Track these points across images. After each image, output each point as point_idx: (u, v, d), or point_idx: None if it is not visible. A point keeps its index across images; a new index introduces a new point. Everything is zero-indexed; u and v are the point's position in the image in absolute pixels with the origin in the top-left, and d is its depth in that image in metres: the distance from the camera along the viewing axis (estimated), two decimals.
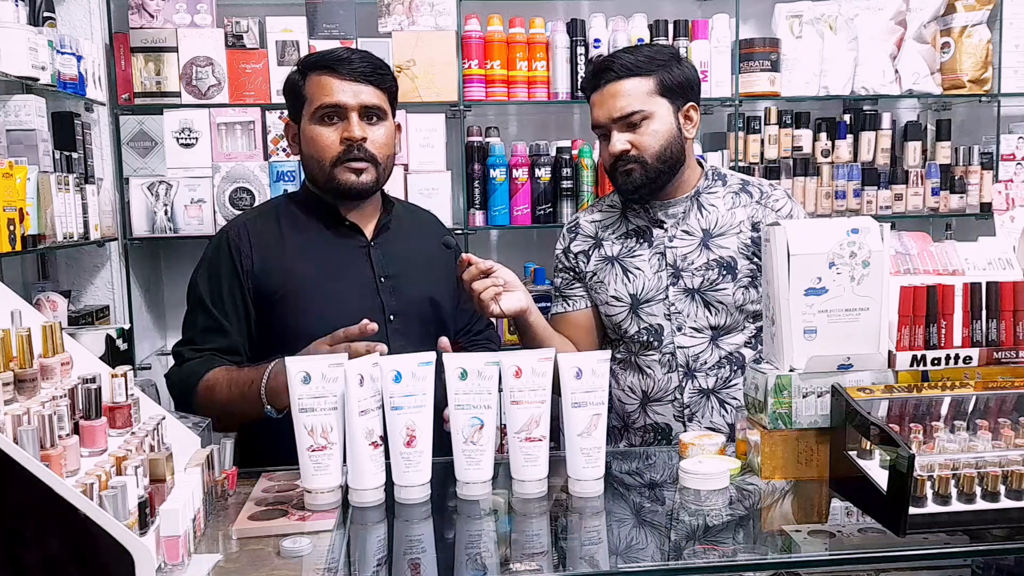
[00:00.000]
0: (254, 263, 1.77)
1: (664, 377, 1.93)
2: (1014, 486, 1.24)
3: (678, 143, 1.89)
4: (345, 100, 1.74)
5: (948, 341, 1.47)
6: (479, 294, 1.74)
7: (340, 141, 1.74)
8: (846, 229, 1.45)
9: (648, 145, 1.86)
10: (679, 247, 1.93)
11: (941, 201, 3.20)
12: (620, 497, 1.50)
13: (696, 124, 1.93)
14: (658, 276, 1.93)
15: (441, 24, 2.95)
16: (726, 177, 2.00)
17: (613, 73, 1.87)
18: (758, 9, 3.25)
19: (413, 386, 1.38)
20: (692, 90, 1.92)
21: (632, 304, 1.94)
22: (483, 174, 3.02)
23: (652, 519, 1.40)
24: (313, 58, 1.81)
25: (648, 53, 1.89)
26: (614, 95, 1.86)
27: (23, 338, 1.24)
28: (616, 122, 1.87)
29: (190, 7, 2.88)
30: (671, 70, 1.88)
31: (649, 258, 1.94)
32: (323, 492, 1.37)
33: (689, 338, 1.91)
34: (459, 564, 1.22)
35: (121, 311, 2.86)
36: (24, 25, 2.17)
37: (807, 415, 1.45)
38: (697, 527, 1.34)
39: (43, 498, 0.97)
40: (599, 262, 1.98)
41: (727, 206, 1.94)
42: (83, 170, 2.56)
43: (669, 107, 1.88)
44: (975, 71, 3.17)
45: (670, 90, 1.88)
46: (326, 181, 1.77)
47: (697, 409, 1.92)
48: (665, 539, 1.32)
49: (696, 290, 1.91)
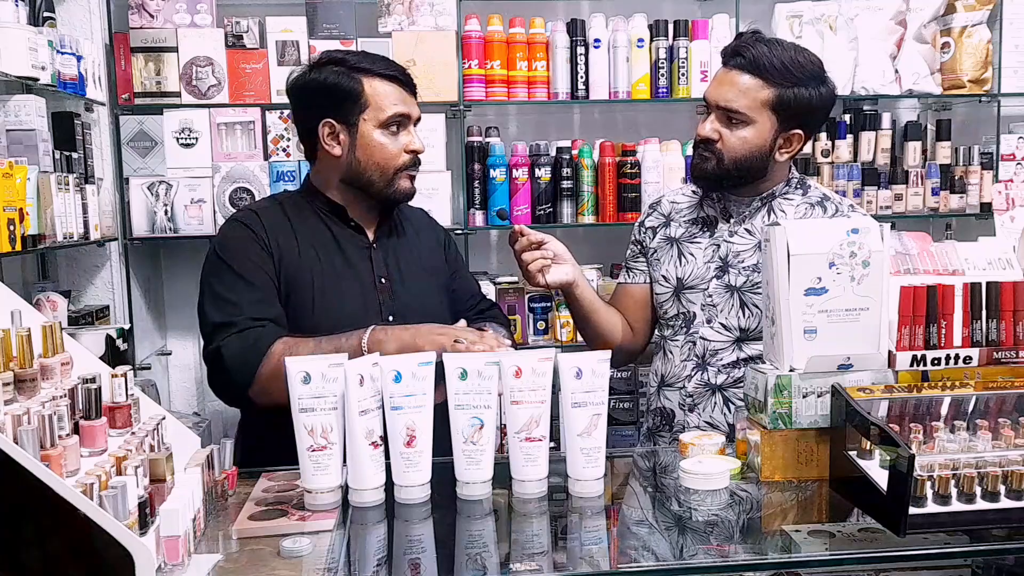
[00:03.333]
0: (274, 249, 1.75)
1: (680, 364, 1.94)
2: (1014, 486, 1.23)
3: (763, 160, 1.86)
4: (410, 112, 1.80)
5: (948, 341, 1.47)
6: (527, 265, 1.81)
7: (405, 151, 1.79)
8: (846, 229, 1.45)
9: (733, 147, 1.84)
10: (736, 243, 1.92)
11: (941, 201, 3.20)
12: (620, 497, 1.50)
13: (794, 152, 1.89)
14: (707, 266, 1.92)
15: (441, 24, 2.95)
16: (809, 188, 1.97)
17: (742, 60, 1.82)
18: (758, 9, 3.25)
19: (413, 386, 1.38)
20: (810, 118, 1.87)
21: (676, 287, 1.95)
22: (483, 174, 3.02)
23: (652, 519, 1.40)
24: (365, 63, 1.78)
25: (789, 62, 1.81)
26: (729, 83, 1.83)
27: (23, 338, 1.24)
28: (718, 108, 1.85)
29: (190, 7, 2.88)
30: (800, 89, 1.81)
31: (705, 247, 1.94)
32: (323, 492, 1.37)
33: (715, 332, 1.91)
34: (459, 564, 1.22)
35: (121, 311, 2.86)
36: (24, 25, 2.17)
37: (807, 415, 1.45)
38: (697, 527, 1.34)
39: (43, 498, 0.97)
40: (662, 240, 2.00)
41: (797, 215, 1.91)
42: (83, 170, 2.56)
43: (773, 125, 1.83)
44: (975, 71, 3.17)
45: (785, 108, 1.82)
46: (385, 186, 1.79)
47: (700, 401, 1.92)
48: (665, 539, 1.32)
49: (737, 288, 1.90)
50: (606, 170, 3.04)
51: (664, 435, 1.97)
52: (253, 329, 1.66)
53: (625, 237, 2.13)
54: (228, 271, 1.72)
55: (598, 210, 3.07)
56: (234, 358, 1.64)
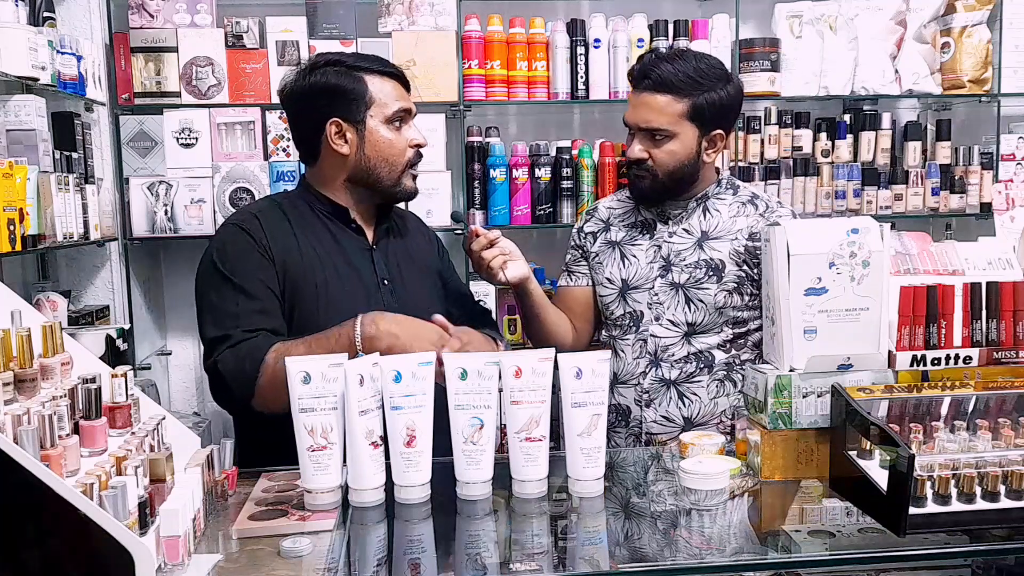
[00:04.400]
0: (274, 252, 1.75)
1: (633, 362, 2.00)
2: (1014, 486, 1.24)
3: (693, 165, 1.95)
4: (410, 107, 1.84)
5: (948, 341, 1.47)
6: (488, 262, 1.84)
7: (410, 145, 1.82)
8: (846, 229, 1.45)
9: (663, 162, 1.93)
10: (675, 243, 1.99)
11: (941, 201, 3.20)
12: (620, 497, 1.50)
13: (719, 149, 1.97)
14: (650, 266, 2.00)
15: (441, 24, 2.95)
16: (738, 188, 2.06)
17: (650, 82, 1.90)
18: (758, 9, 3.25)
19: (413, 386, 1.38)
20: (726, 117, 1.95)
21: (622, 288, 2.02)
22: (483, 174, 3.02)
23: (652, 519, 1.40)
24: (362, 62, 1.81)
25: (693, 72, 1.88)
26: (645, 104, 1.91)
27: (23, 338, 1.24)
28: (640, 130, 1.93)
29: (190, 7, 2.88)
30: (711, 93, 1.89)
31: (647, 249, 2.01)
32: (323, 492, 1.37)
33: (664, 329, 1.98)
34: (459, 564, 1.22)
35: (121, 311, 2.86)
36: (24, 25, 2.16)
37: (807, 415, 1.45)
38: (697, 527, 1.34)
39: (43, 498, 0.97)
40: (603, 245, 2.07)
41: (731, 213, 2.00)
42: (83, 170, 2.56)
43: (695, 132, 1.91)
44: (975, 71, 3.17)
45: (701, 115, 1.90)
46: (393, 184, 1.82)
47: (656, 397, 1.98)
48: (665, 539, 1.32)
49: (681, 285, 1.96)
50: (606, 170, 3.04)
51: (620, 431, 2.03)
52: (247, 341, 1.64)
53: None
54: (225, 282, 1.70)
55: None
56: (231, 373, 1.63)
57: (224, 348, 1.65)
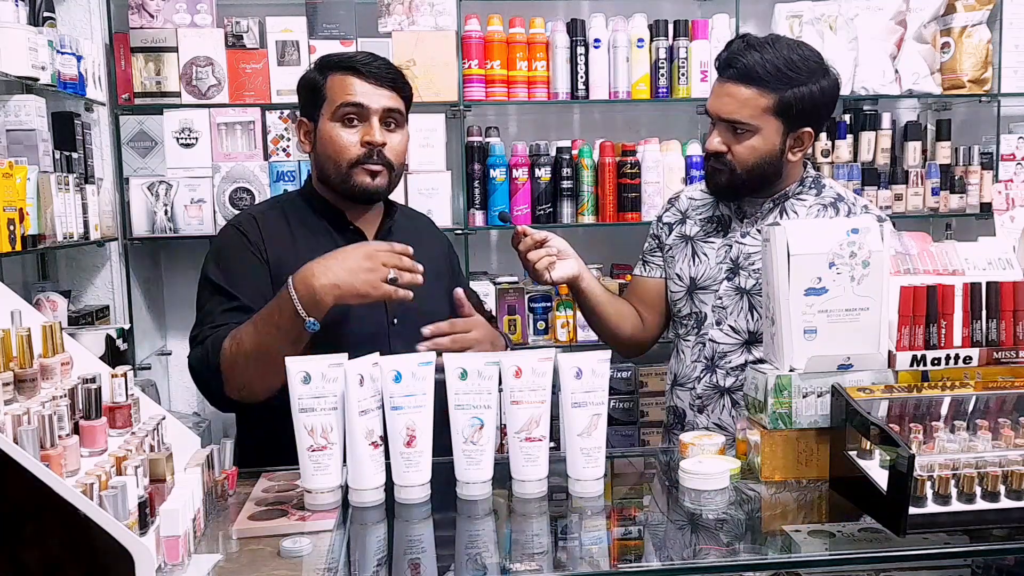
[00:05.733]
0: (269, 256, 1.75)
1: (691, 364, 1.94)
2: (1014, 486, 1.23)
3: (776, 163, 1.83)
4: (367, 102, 1.74)
5: (948, 341, 1.47)
6: (534, 264, 1.81)
7: (360, 144, 1.74)
8: (846, 229, 1.45)
9: (743, 158, 1.81)
10: (746, 244, 1.89)
11: (941, 201, 3.20)
12: (620, 497, 1.50)
13: (805, 147, 1.85)
14: (718, 267, 1.91)
15: (441, 24, 2.95)
16: (823, 188, 1.93)
17: (735, 72, 1.77)
18: (758, 9, 3.25)
19: (413, 386, 1.38)
20: (817, 114, 1.82)
21: (689, 287, 1.94)
22: (483, 174, 3.02)
23: (652, 519, 1.40)
24: (335, 59, 1.81)
25: (784, 64, 1.75)
26: (728, 95, 1.79)
27: (23, 338, 1.24)
28: (721, 121, 1.82)
29: (190, 7, 2.88)
30: (801, 88, 1.76)
31: (718, 248, 1.92)
32: (323, 492, 1.37)
33: (724, 335, 1.90)
34: (459, 564, 1.22)
35: (121, 311, 2.86)
36: (24, 25, 2.17)
37: (807, 415, 1.45)
38: (697, 527, 1.34)
39: (43, 498, 0.97)
40: (677, 238, 1.99)
41: (811, 216, 1.88)
42: (83, 170, 2.56)
43: (780, 128, 1.79)
44: (975, 71, 3.17)
45: (788, 111, 1.77)
46: (341, 182, 1.76)
47: (709, 403, 1.92)
48: (665, 539, 1.32)
49: (747, 291, 1.88)
50: (606, 170, 3.04)
51: (677, 432, 1.96)
52: (211, 336, 1.65)
53: (625, 237, 2.13)
54: (212, 284, 1.73)
55: (598, 210, 3.07)
56: (198, 368, 1.66)
57: (195, 346, 1.69)
